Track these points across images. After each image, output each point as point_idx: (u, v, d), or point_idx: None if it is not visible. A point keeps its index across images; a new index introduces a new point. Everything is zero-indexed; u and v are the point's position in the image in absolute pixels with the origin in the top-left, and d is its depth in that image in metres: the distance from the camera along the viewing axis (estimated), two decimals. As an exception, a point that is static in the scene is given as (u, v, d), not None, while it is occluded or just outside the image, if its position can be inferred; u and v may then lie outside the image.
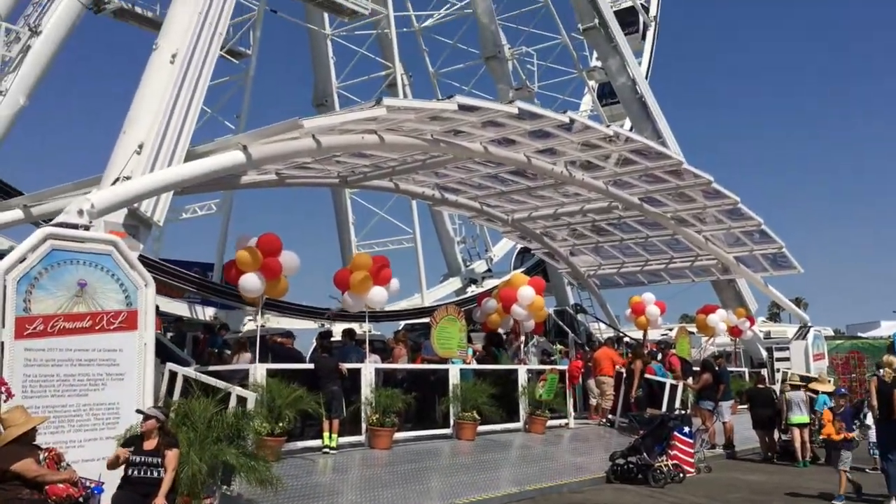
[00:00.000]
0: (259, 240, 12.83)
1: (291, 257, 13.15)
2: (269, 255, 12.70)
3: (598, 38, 29.97)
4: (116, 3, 21.67)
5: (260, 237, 12.89)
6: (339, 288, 14.66)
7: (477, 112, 15.11)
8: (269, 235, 12.94)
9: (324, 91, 32.03)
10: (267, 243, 12.76)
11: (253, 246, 12.71)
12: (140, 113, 12.72)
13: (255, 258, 12.64)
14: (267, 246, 12.73)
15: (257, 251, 12.67)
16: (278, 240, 12.97)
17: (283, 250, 13.00)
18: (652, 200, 21.81)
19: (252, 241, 12.78)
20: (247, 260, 12.59)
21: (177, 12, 13.83)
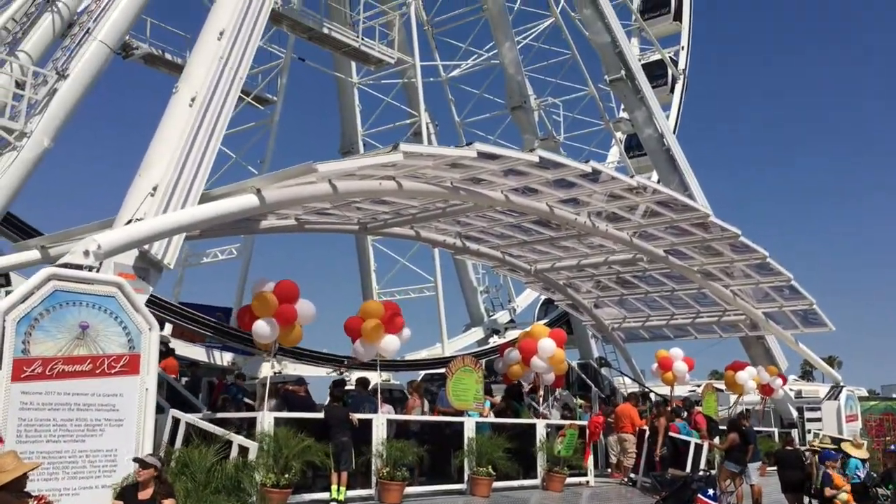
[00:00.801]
0: (277, 286, 12.57)
1: (307, 306, 12.88)
2: (285, 302, 12.44)
3: (625, 89, 29.87)
4: (145, 49, 21.98)
5: (278, 283, 12.64)
6: (350, 336, 14.34)
7: (497, 160, 14.91)
8: (286, 282, 12.69)
9: (350, 138, 32.21)
10: (284, 290, 12.51)
11: (269, 292, 12.45)
12: (157, 155, 12.69)
13: (271, 304, 12.38)
14: (284, 292, 12.47)
15: (273, 297, 12.40)
16: (296, 287, 12.73)
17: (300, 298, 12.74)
18: (678, 253, 21.38)
19: (269, 287, 12.54)
20: (262, 305, 12.33)
21: (198, 57, 13.90)
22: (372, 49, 24.66)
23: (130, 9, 17.76)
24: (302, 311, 12.98)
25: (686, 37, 42.10)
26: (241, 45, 14.69)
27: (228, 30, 14.53)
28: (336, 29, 23.90)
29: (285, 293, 12.71)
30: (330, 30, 23.57)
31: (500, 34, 32.42)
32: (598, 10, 28.85)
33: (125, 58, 21.66)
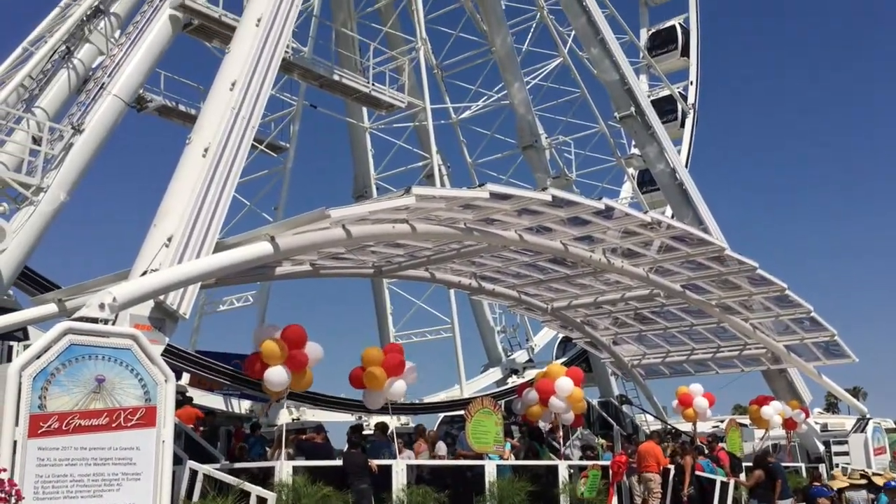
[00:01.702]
0: (284, 331, 12.55)
1: (315, 348, 12.84)
2: (293, 347, 12.39)
3: (635, 125, 29.95)
4: (159, 101, 22.30)
5: (284, 329, 12.61)
6: (355, 387, 14.25)
7: (510, 200, 14.94)
8: (293, 327, 12.67)
9: (363, 182, 32.41)
10: (292, 335, 12.48)
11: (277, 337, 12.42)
12: (171, 206, 12.79)
13: (280, 351, 12.34)
14: (292, 337, 12.43)
15: (281, 343, 12.36)
16: (303, 330, 12.69)
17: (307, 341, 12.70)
18: (695, 288, 21.23)
19: (276, 333, 12.51)
20: (271, 353, 12.29)
21: (210, 107, 14.07)
22: (382, 94, 24.89)
23: (144, 63, 18.10)
24: (310, 354, 12.93)
25: (694, 72, 42.32)
26: (253, 94, 14.87)
27: (240, 80, 14.73)
28: (346, 75, 24.19)
29: (293, 338, 12.66)
30: (341, 76, 23.85)
31: (509, 75, 32.69)
32: (606, 48, 29.07)
33: (139, 111, 21.98)
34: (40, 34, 18.41)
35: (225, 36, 18.59)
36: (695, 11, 43.06)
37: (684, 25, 42.58)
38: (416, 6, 29.81)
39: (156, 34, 18.13)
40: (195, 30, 19.71)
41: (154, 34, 18.09)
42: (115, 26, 19.20)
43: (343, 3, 30.39)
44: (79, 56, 18.20)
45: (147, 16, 18.42)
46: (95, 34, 18.49)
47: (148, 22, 18.26)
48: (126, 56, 17.81)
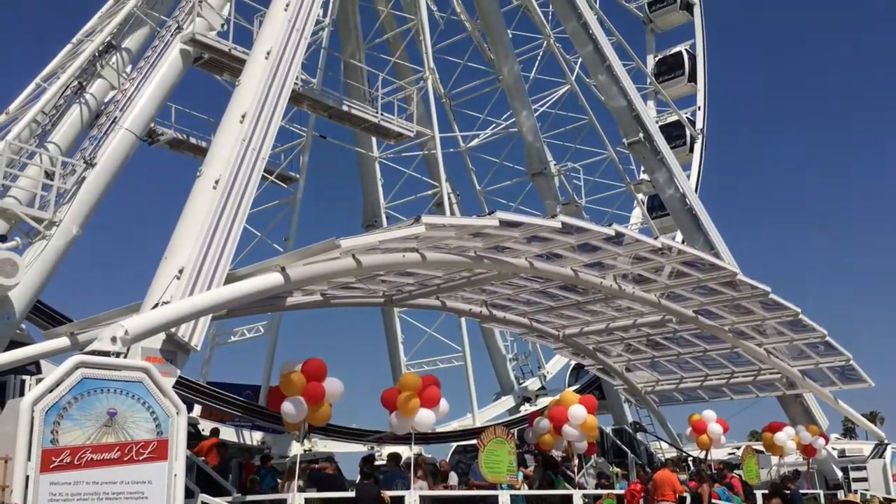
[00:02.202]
0: (304, 365, 12.54)
1: (336, 384, 12.83)
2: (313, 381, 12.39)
3: (643, 151, 30.01)
4: (170, 135, 22.49)
5: (305, 362, 12.60)
6: (387, 408, 14.21)
7: (520, 227, 14.96)
8: (314, 361, 12.66)
9: (373, 212, 32.49)
10: (312, 369, 12.48)
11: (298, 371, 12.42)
12: (182, 238, 12.85)
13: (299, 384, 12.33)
14: (312, 371, 12.43)
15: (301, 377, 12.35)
16: (323, 365, 12.70)
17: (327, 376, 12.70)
18: (708, 313, 21.11)
19: (297, 367, 12.51)
20: (290, 386, 12.28)
21: (221, 139, 14.19)
22: (391, 124, 25.03)
23: (156, 97, 18.28)
24: (330, 389, 12.92)
25: (702, 97, 42.42)
26: (263, 126, 15.00)
27: (250, 112, 14.86)
28: (356, 106, 24.36)
29: (313, 372, 12.68)
30: (350, 107, 24.02)
31: (517, 103, 32.87)
32: (613, 75, 29.22)
33: (151, 144, 22.16)
34: (53, 70, 18.64)
35: (235, 69, 18.76)
36: (701, 37, 43.27)
37: (691, 51, 42.77)
38: (424, 37, 30.06)
39: (167, 68, 18.32)
40: (205, 63, 19.89)
41: (165, 68, 18.29)
42: (127, 61, 19.44)
43: (351, 34, 30.69)
44: (91, 91, 18.40)
45: (158, 50, 18.64)
46: (107, 69, 18.71)
47: (159, 56, 18.47)
48: (138, 90, 18.00)
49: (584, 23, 29.16)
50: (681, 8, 42.58)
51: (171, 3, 20.73)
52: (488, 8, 31.93)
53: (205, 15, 18.88)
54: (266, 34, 17.04)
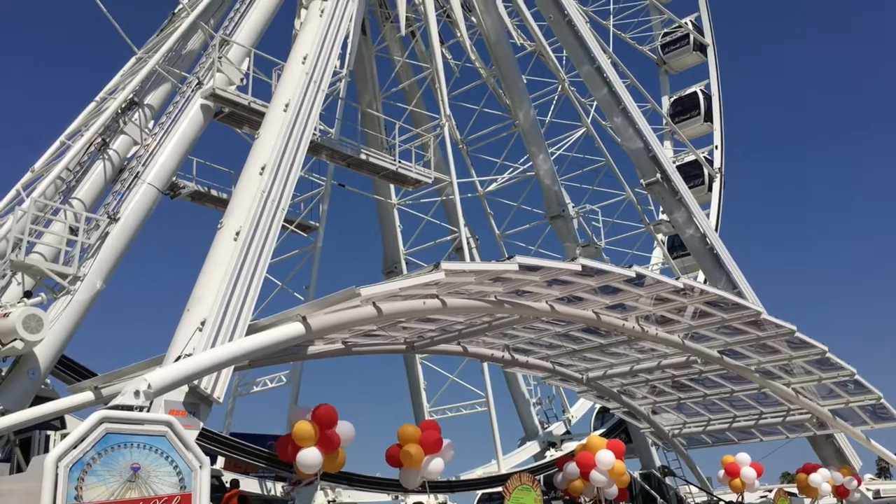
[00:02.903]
0: (314, 412, 12.49)
1: (347, 428, 12.74)
2: (325, 428, 12.32)
3: (662, 192, 30.00)
4: (192, 188, 22.77)
5: (315, 409, 12.55)
6: (392, 465, 14.07)
7: (539, 271, 14.93)
8: (324, 407, 12.61)
9: (393, 258, 32.60)
10: (323, 415, 12.41)
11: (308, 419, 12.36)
12: (204, 290, 12.94)
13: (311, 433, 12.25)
14: (323, 418, 12.36)
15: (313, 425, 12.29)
16: (334, 410, 12.62)
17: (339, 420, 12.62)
18: (733, 353, 20.84)
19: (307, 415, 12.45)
20: (304, 434, 12.21)
21: (241, 191, 14.36)
22: (409, 171, 25.22)
23: (177, 151, 18.58)
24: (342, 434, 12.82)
25: (718, 136, 42.44)
26: (283, 177, 15.18)
27: (270, 164, 15.05)
28: (373, 154, 24.59)
29: (324, 418, 12.58)
30: (367, 155, 24.25)
31: (534, 147, 33.05)
32: (628, 117, 29.36)
33: (173, 197, 22.42)
34: (77, 128, 19.03)
35: (254, 122, 19.06)
36: (715, 77, 43.48)
37: (705, 91, 42.95)
38: (440, 84, 30.43)
39: (188, 123, 18.65)
40: (226, 117, 20.23)
41: (186, 123, 18.61)
42: (149, 117, 19.81)
43: (368, 84, 31.17)
44: (114, 147, 18.73)
45: (179, 106, 18.99)
46: (130, 125, 19.07)
47: (180, 112, 18.81)
48: (160, 145, 18.31)
49: (597, 66, 29.42)
50: (694, 49, 42.88)
51: (192, 60, 21.19)
52: (502, 55, 32.32)
53: (224, 70, 19.26)
54: (284, 87, 17.35)
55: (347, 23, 20.24)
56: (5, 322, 14.00)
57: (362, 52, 30.21)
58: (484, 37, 32.34)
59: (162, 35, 21.54)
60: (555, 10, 29.61)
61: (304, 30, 19.35)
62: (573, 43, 29.78)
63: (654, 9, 42.10)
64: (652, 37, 43.10)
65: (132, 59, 20.88)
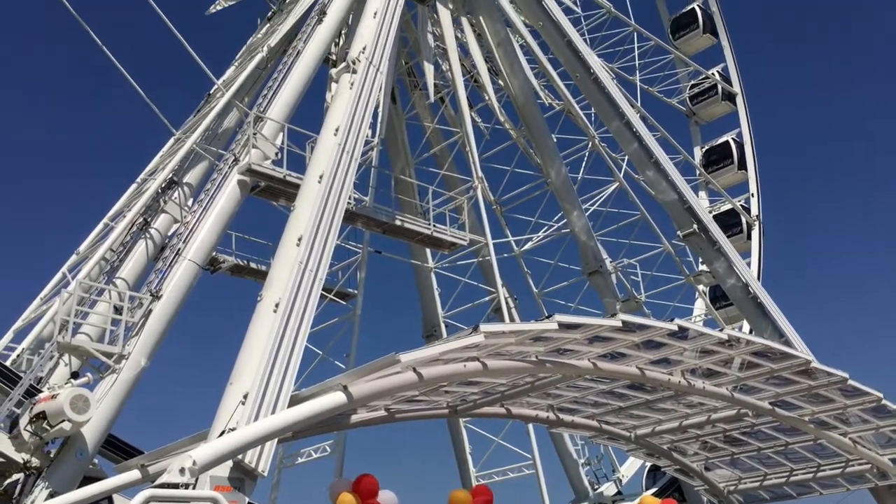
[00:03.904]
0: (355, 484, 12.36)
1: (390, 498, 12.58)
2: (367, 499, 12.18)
3: (700, 243, 29.74)
4: (231, 261, 23.19)
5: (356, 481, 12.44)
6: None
7: (579, 329, 14.81)
8: (365, 478, 12.49)
9: (432, 322, 32.57)
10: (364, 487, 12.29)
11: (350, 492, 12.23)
12: (246, 363, 13.05)
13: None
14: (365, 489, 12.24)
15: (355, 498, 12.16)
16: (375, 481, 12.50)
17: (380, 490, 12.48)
18: (785, 404, 20.27)
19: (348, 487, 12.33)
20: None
21: (279, 263, 14.58)
22: (444, 234, 25.42)
23: (216, 227, 18.99)
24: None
25: (754, 184, 42.09)
26: (319, 247, 15.39)
27: (306, 235, 15.28)
28: (408, 220, 24.87)
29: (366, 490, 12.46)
30: (402, 221, 24.53)
31: (567, 204, 33.10)
32: (661, 170, 29.36)
33: (213, 272, 22.84)
34: (119, 209, 19.60)
35: (290, 194, 19.43)
36: (746, 125, 43.34)
37: (737, 139, 42.77)
38: (470, 147, 30.79)
39: (226, 199, 19.09)
40: (262, 191, 20.66)
41: (224, 199, 19.06)
42: (188, 195, 20.35)
43: (400, 151, 31.68)
44: (155, 226, 19.25)
45: (217, 182, 19.48)
46: (170, 204, 19.60)
47: (218, 188, 19.29)
48: (199, 222, 18.74)
49: (626, 122, 29.59)
50: (723, 99, 42.87)
51: (228, 137, 21.82)
52: (531, 115, 32.69)
53: (259, 146, 19.76)
54: (318, 159, 17.71)
55: (377, 93, 20.71)
56: (53, 404, 14.21)
57: (393, 120, 30.79)
58: (512, 99, 32.77)
59: (199, 115, 22.25)
60: (580, 68, 30.00)
61: (335, 102, 19.83)
62: (601, 100, 30.05)
63: (680, 62, 42.33)
64: (680, 89, 43.24)
65: (171, 139, 21.58)
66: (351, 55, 20.72)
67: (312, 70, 22.21)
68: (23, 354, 18.16)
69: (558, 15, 30.36)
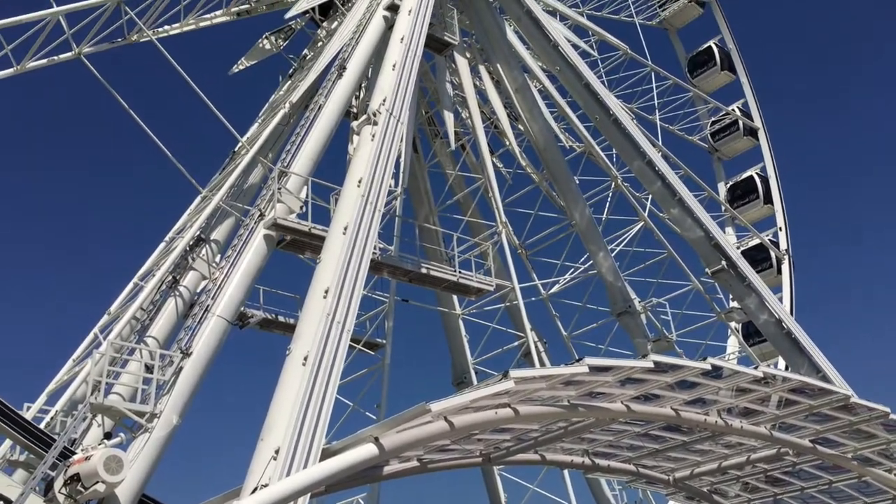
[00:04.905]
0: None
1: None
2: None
3: (729, 279, 29.41)
4: (260, 316, 23.27)
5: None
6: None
7: (611, 371, 14.65)
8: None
9: (461, 369, 32.33)
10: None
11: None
12: (276, 418, 13.04)
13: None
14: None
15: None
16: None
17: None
18: (826, 441, 19.80)
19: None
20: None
21: (307, 316, 14.63)
22: (470, 280, 25.37)
23: (244, 282, 19.14)
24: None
25: (782, 218, 41.69)
26: (346, 299, 15.43)
27: (333, 287, 15.34)
28: (434, 267, 24.88)
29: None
30: (428, 269, 24.54)
31: (593, 245, 32.96)
32: (685, 207, 29.23)
33: (242, 327, 22.91)
34: (149, 268, 19.85)
35: (316, 247, 19.56)
36: (770, 159, 43.09)
37: (762, 174, 42.52)
38: (493, 193, 30.92)
39: (252, 254, 19.27)
40: (288, 244, 20.81)
41: (251, 254, 19.23)
42: (216, 251, 20.58)
43: (423, 199, 31.87)
44: (184, 283, 19.44)
45: (244, 238, 19.69)
46: (198, 261, 19.80)
47: (245, 244, 19.49)
48: (227, 278, 18.91)
49: (648, 161, 29.59)
50: (745, 134, 42.77)
51: (253, 193, 22.11)
52: (552, 159, 32.79)
53: (284, 200, 19.99)
54: (342, 211, 17.87)
55: (398, 143, 20.95)
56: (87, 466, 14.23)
57: (415, 169, 31.04)
58: (532, 143, 32.94)
59: (224, 173, 22.61)
60: (599, 110, 30.15)
61: (358, 154, 20.07)
62: (621, 140, 30.13)
63: (699, 99, 42.41)
64: (700, 126, 43.24)
65: (198, 197, 21.90)
66: (371, 107, 21.03)
67: (334, 123, 22.55)
68: (56, 417, 18.27)
69: (575, 59, 30.63)
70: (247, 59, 30.31)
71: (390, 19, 24.53)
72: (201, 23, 25.04)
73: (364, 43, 24.14)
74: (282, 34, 30.46)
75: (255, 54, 30.32)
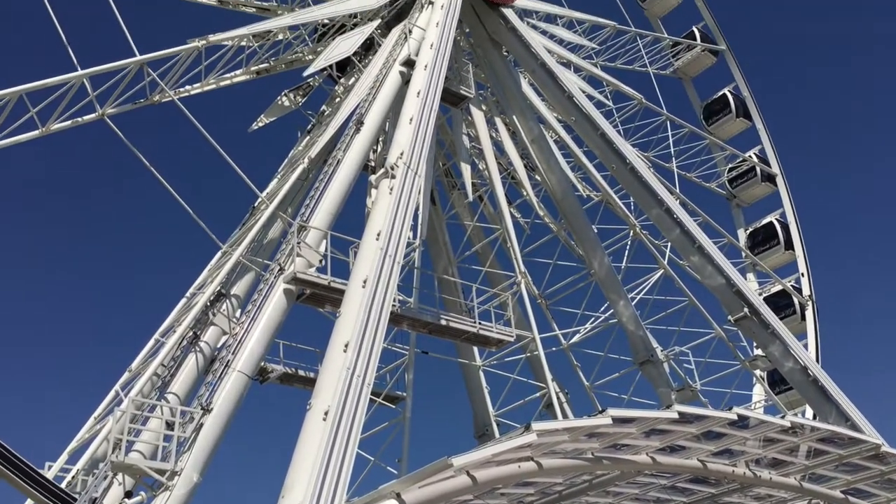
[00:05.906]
0: None
1: None
2: None
3: (752, 327, 29.05)
4: (280, 370, 23.23)
5: None
6: None
7: (635, 423, 14.45)
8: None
9: (483, 421, 31.99)
10: None
11: None
12: (297, 475, 12.93)
13: None
14: None
15: None
16: None
17: None
18: (858, 492, 19.32)
19: None
20: None
21: (327, 370, 14.59)
22: (490, 331, 25.24)
23: (264, 337, 19.16)
24: None
25: (803, 263, 41.34)
26: (366, 352, 15.38)
27: (353, 341, 15.31)
28: (453, 319, 24.80)
29: None
30: (448, 321, 24.46)
31: (613, 294, 32.77)
32: (705, 254, 29.07)
33: (262, 382, 22.85)
34: (170, 325, 19.92)
35: (335, 300, 19.60)
36: (789, 205, 42.94)
37: (781, 220, 42.34)
38: (512, 243, 30.94)
39: (272, 308, 19.33)
40: (308, 298, 20.86)
41: (271, 309, 19.30)
42: (236, 306, 20.66)
43: (442, 251, 31.94)
44: (205, 339, 19.49)
45: (264, 293, 19.77)
46: (219, 316, 19.88)
47: (265, 298, 19.57)
48: (247, 333, 18.95)
49: (666, 209, 29.55)
50: (763, 180, 42.73)
51: (273, 248, 22.26)
52: (570, 208, 32.85)
53: (304, 254, 20.11)
54: (361, 264, 17.92)
55: (416, 196, 21.07)
56: (107, 525, 14.13)
57: (433, 221, 31.17)
58: (550, 193, 33.04)
59: (244, 228, 22.81)
60: (616, 159, 30.25)
61: (376, 208, 20.21)
62: (639, 189, 30.15)
63: (716, 146, 42.51)
64: (718, 173, 43.26)
65: (218, 253, 22.07)
66: (389, 161, 21.24)
67: (353, 178, 22.79)
68: (77, 475, 18.19)
69: (590, 109, 30.88)
70: (266, 115, 30.81)
71: (406, 74, 24.91)
72: (222, 82, 25.51)
73: (381, 98, 24.51)
74: (300, 91, 31.01)
75: (275, 111, 30.82)
